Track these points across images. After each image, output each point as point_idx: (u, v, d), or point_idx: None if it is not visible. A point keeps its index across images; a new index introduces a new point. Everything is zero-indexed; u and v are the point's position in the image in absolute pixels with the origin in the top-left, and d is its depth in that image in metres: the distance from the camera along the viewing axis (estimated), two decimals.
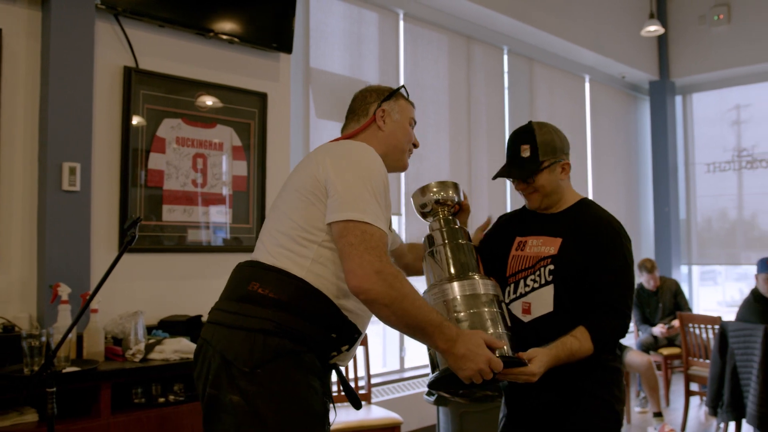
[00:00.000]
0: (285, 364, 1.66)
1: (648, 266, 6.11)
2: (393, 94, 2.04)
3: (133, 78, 3.46)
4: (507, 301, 2.07)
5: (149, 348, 2.96)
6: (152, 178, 3.53)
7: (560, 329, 1.91)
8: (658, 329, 5.82)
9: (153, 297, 3.47)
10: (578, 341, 1.88)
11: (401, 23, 5.18)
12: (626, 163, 7.85)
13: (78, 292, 3.05)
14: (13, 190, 3.11)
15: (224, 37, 3.78)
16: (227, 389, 1.65)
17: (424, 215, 2.12)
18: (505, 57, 6.17)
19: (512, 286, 2.07)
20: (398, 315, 1.65)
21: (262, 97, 4.01)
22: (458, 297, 1.83)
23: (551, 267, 1.98)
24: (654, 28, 6.67)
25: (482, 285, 1.87)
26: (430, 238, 2.02)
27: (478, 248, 2.10)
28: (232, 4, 3.83)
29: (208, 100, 3.77)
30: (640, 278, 6.12)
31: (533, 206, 2.11)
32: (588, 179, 7.16)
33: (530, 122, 2.11)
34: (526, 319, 2.00)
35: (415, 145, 2.10)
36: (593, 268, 1.94)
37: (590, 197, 7.18)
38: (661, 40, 7.84)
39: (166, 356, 2.95)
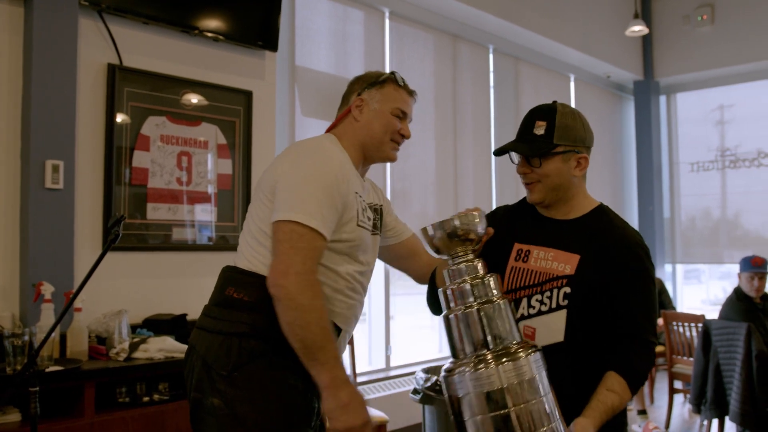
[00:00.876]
0: (262, 366, 1.66)
1: None
2: (379, 81, 1.92)
3: (117, 75, 3.44)
4: None
5: (133, 347, 2.94)
6: (136, 176, 3.50)
7: (571, 363, 1.67)
8: None
9: (137, 296, 3.45)
10: (618, 396, 1.61)
11: (387, 21, 5.18)
12: (611, 163, 7.90)
13: (61, 291, 3.02)
14: None
15: (209, 34, 3.76)
16: (209, 392, 1.68)
17: (437, 251, 1.69)
18: (491, 56, 6.18)
19: (512, 304, 1.75)
20: (298, 324, 1.59)
21: (247, 95, 3.99)
22: (505, 386, 1.45)
23: (567, 290, 1.68)
24: (639, 29, 6.71)
25: (527, 364, 1.48)
26: (449, 294, 1.60)
27: None
28: (218, 1, 3.81)
29: (193, 98, 3.75)
30: None
31: (534, 200, 1.79)
32: None
33: (555, 102, 1.81)
34: None
35: (404, 135, 1.93)
36: (619, 296, 1.67)
37: None
38: (646, 40, 7.89)
39: (150, 355, 2.93)
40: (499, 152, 1.82)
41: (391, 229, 2.08)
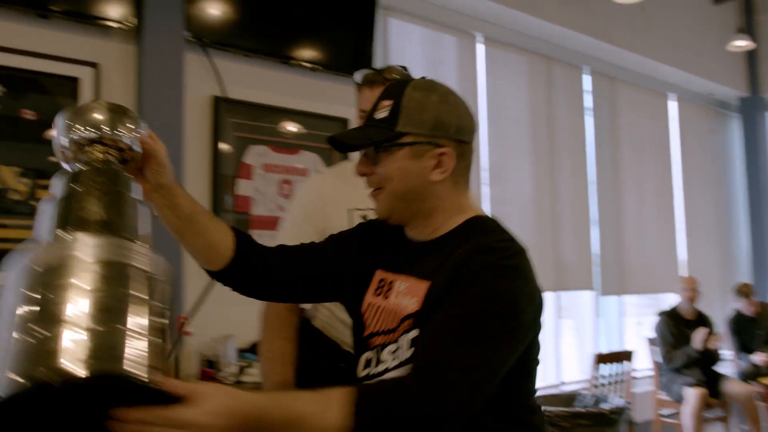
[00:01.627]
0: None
1: (744, 291, 5.83)
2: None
3: (221, 107, 3.55)
4: (362, 376, 1.28)
5: (241, 370, 2.97)
6: (240, 203, 3.58)
7: None
8: (759, 357, 5.50)
9: (244, 321, 3.46)
10: (320, 406, 0.98)
11: (480, 46, 5.15)
12: (715, 183, 7.52)
13: (173, 317, 3.10)
14: None
15: (306, 64, 3.84)
16: None
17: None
18: (587, 77, 6.04)
19: (374, 353, 1.25)
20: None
21: (342, 123, 4.03)
22: (82, 263, 0.91)
23: (414, 334, 1.16)
24: (744, 44, 6.41)
25: (138, 254, 0.96)
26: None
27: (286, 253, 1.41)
28: (313, 32, 3.90)
29: (292, 127, 3.83)
30: (737, 304, 5.84)
31: (379, 213, 1.29)
32: (675, 201, 6.89)
33: (422, 78, 1.34)
34: None
35: None
36: (442, 306, 1.13)
37: (681, 221, 7.02)
38: (751, 55, 7.52)
39: (257, 379, 2.95)
40: (336, 145, 1.27)
41: None
